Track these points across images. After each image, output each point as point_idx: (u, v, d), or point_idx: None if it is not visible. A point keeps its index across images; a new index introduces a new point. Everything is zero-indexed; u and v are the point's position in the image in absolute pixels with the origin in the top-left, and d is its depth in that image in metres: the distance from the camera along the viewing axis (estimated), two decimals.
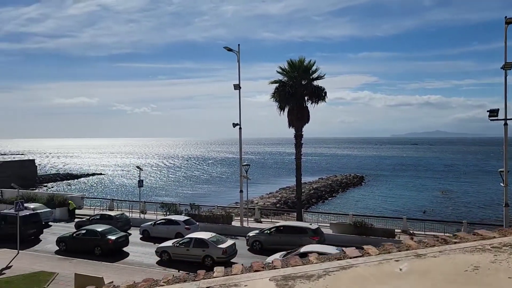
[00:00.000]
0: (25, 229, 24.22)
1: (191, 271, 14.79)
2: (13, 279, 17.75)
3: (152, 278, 4.37)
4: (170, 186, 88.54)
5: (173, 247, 21.48)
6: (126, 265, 20.50)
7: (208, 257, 20.51)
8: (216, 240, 21.29)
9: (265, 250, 23.00)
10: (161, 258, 21.53)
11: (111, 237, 22.82)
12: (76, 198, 35.78)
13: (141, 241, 25.85)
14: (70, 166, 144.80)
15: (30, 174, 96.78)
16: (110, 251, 22.53)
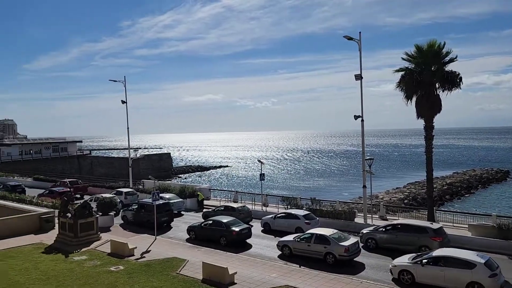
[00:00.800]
0: (158, 217, 26.32)
1: (313, 267, 14.34)
2: (151, 263, 19.45)
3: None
4: (290, 180, 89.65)
5: (294, 241, 21.33)
6: (249, 257, 20.96)
7: (330, 254, 19.87)
8: (338, 237, 20.53)
9: (380, 249, 21.72)
10: (282, 252, 21.57)
11: (235, 229, 23.62)
12: (204, 190, 38.16)
13: (262, 233, 26.34)
14: (200, 159, 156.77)
15: (167, 166, 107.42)
16: (234, 242, 23.33)
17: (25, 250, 21.70)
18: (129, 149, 47.82)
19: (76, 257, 20.36)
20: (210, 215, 28.21)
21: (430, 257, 16.89)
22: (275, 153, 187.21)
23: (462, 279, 15.64)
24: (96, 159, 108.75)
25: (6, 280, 16.85)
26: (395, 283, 17.12)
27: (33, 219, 26.51)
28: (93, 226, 24.02)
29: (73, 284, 16.45)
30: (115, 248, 21.24)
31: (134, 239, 24.12)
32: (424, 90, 24.56)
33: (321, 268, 18.98)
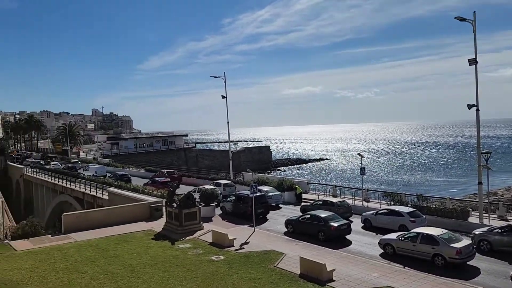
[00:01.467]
0: (255, 209, 26.69)
1: (418, 269, 13.13)
2: (250, 254, 19.79)
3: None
4: (394, 174, 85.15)
5: (397, 240, 20.04)
6: (348, 254, 20.21)
7: (439, 256, 18.27)
8: (448, 237, 18.79)
9: (494, 252, 19.47)
10: (385, 251, 20.42)
11: (333, 224, 22.99)
12: (303, 183, 37.90)
13: (362, 230, 25.25)
14: (299, 152, 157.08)
15: (266, 158, 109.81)
16: (332, 238, 22.72)
17: (137, 236, 23.66)
18: (229, 142, 49.54)
19: (181, 245, 21.59)
20: (308, 209, 27.90)
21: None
22: (377, 145, 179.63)
23: None
24: (201, 151, 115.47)
25: (121, 263, 18.50)
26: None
27: (145, 208, 28.84)
28: (196, 216, 25.29)
29: (178, 270, 17.41)
30: (216, 238, 22.06)
31: (233, 230, 24.84)
32: None
33: (428, 270, 17.55)
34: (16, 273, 16.86)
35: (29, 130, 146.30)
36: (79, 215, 27.35)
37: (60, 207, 49.93)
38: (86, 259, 19.01)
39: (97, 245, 21.51)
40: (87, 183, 43.08)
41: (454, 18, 23.52)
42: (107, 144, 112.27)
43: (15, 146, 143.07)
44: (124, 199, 31.74)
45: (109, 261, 18.66)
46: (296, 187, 35.11)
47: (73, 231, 24.62)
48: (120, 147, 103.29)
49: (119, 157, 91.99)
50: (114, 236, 23.37)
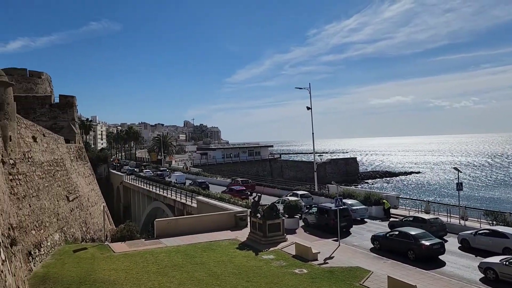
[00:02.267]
0: (336, 221, 26.14)
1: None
2: (334, 270, 19.22)
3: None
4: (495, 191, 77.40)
5: (501, 265, 18.04)
6: (442, 276, 18.62)
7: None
8: None
9: None
10: (485, 276, 18.50)
11: (424, 243, 21.40)
12: (391, 197, 36.00)
13: (459, 250, 23.13)
14: (387, 164, 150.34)
15: (353, 170, 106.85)
16: (423, 257, 21.17)
17: (223, 244, 24.30)
18: (314, 154, 49.01)
19: (265, 256, 21.69)
20: (396, 225, 26.35)
21: None
22: (475, 159, 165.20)
23: None
24: (286, 162, 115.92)
25: (206, 270, 19.10)
26: None
27: (230, 217, 29.59)
28: (280, 228, 25.27)
29: (261, 281, 17.47)
30: (300, 251, 21.80)
31: (317, 244, 24.36)
32: None
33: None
34: (114, 274, 18.24)
35: (129, 140, 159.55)
36: (169, 222, 28.91)
37: (153, 212, 53.42)
38: (175, 264, 19.96)
39: (185, 251, 22.49)
40: (178, 191, 45.52)
41: None
42: (196, 154, 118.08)
43: (116, 155, 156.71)
44: (211, 208, 32.91)
45: (196, 268, 19.37)
46: (384, 201, 33.45)
47: (164, 236, 26.07)
48: (208, 157, 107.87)
49: (208, 166, 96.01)
50: (201, 244, 24.26)
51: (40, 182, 23.85)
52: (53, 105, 45.88)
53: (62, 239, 24.66)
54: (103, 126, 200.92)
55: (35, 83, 53.72)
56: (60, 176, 29.88)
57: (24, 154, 22.08)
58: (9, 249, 10.88)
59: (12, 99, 20.93)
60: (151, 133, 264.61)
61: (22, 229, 18.38)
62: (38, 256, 19.52)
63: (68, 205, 29.36)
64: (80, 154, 43.59)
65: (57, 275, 17.51)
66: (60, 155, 31.75)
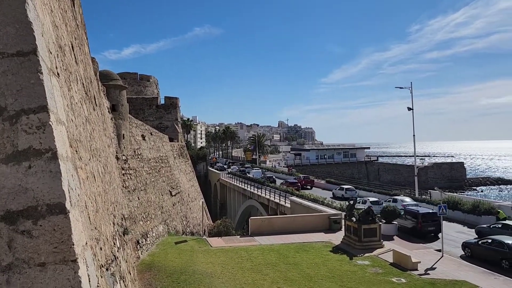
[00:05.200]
0: (425, 226, 27.35)
1: None
2: (436, 282, 17.87)
3: None
4: None
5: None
6: None
7: None
8: None
9: None
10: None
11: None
12: (506, 207, 32.40)
13: None
14: (498, 170, 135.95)
15: (459, 176, 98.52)
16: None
17: (316, 246, 24.03)
18: (414, 157, 46.18)
19: (359, 261, 20.96)
20: (484, 232, 25.33)
21: None
22: None
23: None
24: (383, 165, 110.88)
25: (299, 270, 19.03)
26: None
27: (324, 219, 29.16)
28: (376, 233, 24.22)
29: (355, 287, 16.91)
30: (397, 258, 20.66)
31: (417, 252, 22.86)
32: None
33: None
34: (211, 267, 19.10)
35: (226, 139, 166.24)
36: (263, 220, 29.45)
37: (248, 210, 54.94)
38: (268, 262, 20.24)
39: (278, 250, 22.69)
40: (272, 190, 46.21)
41: None
42: (290, 154, 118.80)
43: (214, 154, 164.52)
44: (304, 209, 32.80)
45: (289, 268, 19.42)
46: (499, 211, 30.22)
47: (258, 234, 26.62)
48: (302, 157, 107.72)
49: (301, 167, 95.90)
50: (294, 244, 24.28)
51: (147, 177, 25.94)
52: (159, 106, 49.62)
53: (165, 230, 26.55)
54: (202, 125, 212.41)
55: (144, 85, 58.74)
56: (165, 172, 32.19)
57: (134, 151, 24.21)
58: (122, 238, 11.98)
59: (125, 100, 23.07)
60: (247, 133, 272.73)
61: (132, 219, 20.16)
62: (145, 245, 21.24)
63: (171, 199, 31.52)
64: (182, 152, 46.53)
65: (161, 264, 18.87)
66: (164, 152, 34.21)
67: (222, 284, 16.66)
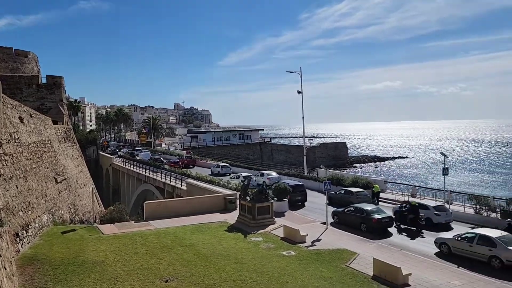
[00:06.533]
0: (293, 196, 31.10)
1: (474, 270, 13.16)
2: (321, 252, 19.54)
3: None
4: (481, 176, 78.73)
5: (454, 240, 19.90)
6: (426, 258, 19.11)
7: (495, 258, 17.82)
8: (508, 240, 18.12)
9: None
10: (440, 250, 20.36)
11: (375, 216, 23.94)
12: (380, 182, 36.45)
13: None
14: (375, 149, 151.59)
15: (342, 155, 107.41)
16: (375, 230, 23.61)
17: (212, 226, 24.46)
18: (303, 138, 49.21)
19: (253, 238, 21.92)
20: (333, 198, 30.91)
21: None
22: (462, 144, 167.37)
23: None
24: (276, 146, 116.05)
25: (195, 252, 19.25)
26: None
27: (220, 200, 29.73)
28: (269, 210, 25.50)
29: (249, 263, 17.69)
30: (288, 233, 22.06)
31: (305, 226, 24.66)
32: None
33: (484, 272, 17.09)
34: (102, 255, 18.30)
35: (118, 122, 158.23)
36: (159, 204, 28.96)
37: (143, 195, 53.42)
38: (164, 246, 20.08)
39: (175, 233, 22.61)
40: (168, 173, 45.51)
41: None
42: (187, 137, 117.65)
43: (105, 137, 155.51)
44: (200, 190, 33.01)
45: (185, 249, 19.51)
46: (375, 185, 33.89)
47: (154, 218, 26.14)
48: (199, 140, 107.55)
49: (198, 149, 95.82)
50: (191, 226, 24.39)
51: (27, 163, 23.63)
52: (40, 85, 45.16)
53: (50, 220, 24.59)
54: (92, 107, 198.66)
55: (21, 62, 52.73)
56: (48, 157, 29.62)
57: (10, 135, 21.80)
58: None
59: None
60: (141, 115, 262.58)
61: (9, 210, 18.28)
62: (26, 238, 19.47)
63: (56, 186, 29.20)
64: (68, 135, 43.17)
65: (45, 256, 17.51)
66: (47, 136, 31.41)
67: (115, 272, 16.13)
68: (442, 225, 24.81)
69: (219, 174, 50.63)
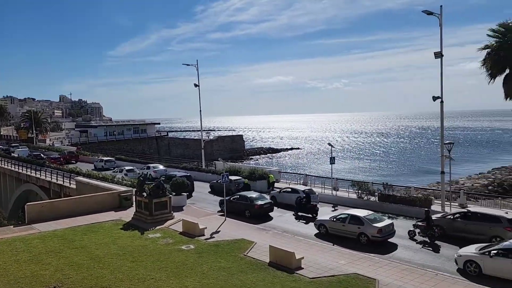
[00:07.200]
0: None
1: (346, 246, 15.20)
2: (220, 243, 19.83)
3: None
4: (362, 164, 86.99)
5: (330, 221, 22.05)
6: (316, 242, 20.62)
7: (363, 235, 20.36)
8: (373, 218, 20.83)
9: (448, 237, 20.58)
10: (319, 231, 22.47)
11: (257, 203, 26.06)
12: (274, 172, 38.15)
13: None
14: (271, 141, 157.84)
15: (239, 148, 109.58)
16: (257, 215, 25.72)
17: (106, 225, 23.25)
18: (201, 131, 49.15)
19: (151, 235, 21.39)
20: (215, 186, 33.03)
21: (501, 248, 15.59)
22: (345, 135, 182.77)
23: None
24: (173, 140, 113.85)
25: (87, 253, 18.15)
26: (460, 274, 16.19)
27: (114, 197, 28.32)
28: (167, 206, 25.07)
29: (147, 260, 17.25)
30: (187, 227, 21.96)
31: (205, 219, 24.81)
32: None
33: (355, 248, 19.43)
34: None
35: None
36: (44, 205, 26.59)
37: (24, 196, 48.43)
38: (50, 250, 18.55)
39: (63, 235, 21.01)
40: (54, 171, 41.91)
41: (422, 12, 23.99)
42: (75, 132, 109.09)
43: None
44: (92, 188, 31.07)
45: (75, 252, 18.28)
46: (270, 176, 35.35)
47: (38, 221, 23.95)
48: (89, 135, 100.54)
49: (88, 145, 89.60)
50: (81, 227, 22.89)
51: None
52: None
53: None
54: None
55: None
56: None
57: None
58: None
59: None
60: (20, 108, 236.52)
61: None
62: None
63: None
64: None
65: None
66: None
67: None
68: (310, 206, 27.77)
69: (103, 168, 49.69)
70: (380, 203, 27.16)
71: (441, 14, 23.95)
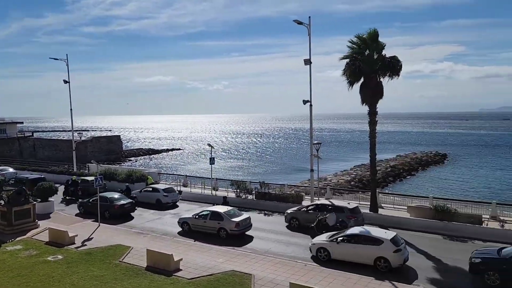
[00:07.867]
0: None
1: (207, 241, 16.33)
2: (92, 251, 18.72)
3: None
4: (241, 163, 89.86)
5: (192, 218, 22.75)
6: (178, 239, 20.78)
7: (223, 229, 21.55)
8: (232, 213, 22.15)
9: (302, 227, 22.89)
10: (183, 229, 23.09)
11: (117, 203, 25.92)
12: (153, 174, 37.25)
13: None
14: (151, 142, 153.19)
15: (116, 149, 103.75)
16: (117, 215, 25.52)
17: None
18: (72, 131, 45.43)
19: (10, 247, 19.19)
20: None
21: (345, 235, 17.83)
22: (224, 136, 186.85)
23: (371, 255, 16.78)
24: (39, 141, 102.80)
25: None
26: (314, 260, 17.97)
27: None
28: (30, 214, 22.74)
29: (5, 277, 15.45)
30: (54, 236, 20.22)
31: (74, 226, 23.13)
32: (366, 77, 24.79)
33: (216, 242, 20.44)
34: None
35: None
36: None
37: None
38: None
39: None
40: None
41: (293, 21, 25.79)
42: None
43: None
44: None
45: None
46: (148, 177, 34.41)
47: None
48: None
49: None
50: None
51: None
52: None
53: None
54: None
55: None
56: None
57: None
58: None
59: None
60: None
61: None
62: None
63: None
64: None
65: None
66: None
67: None
68: (170, 204, 28.98)
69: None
70: (257, 201, 28.48)
71: (309, 24, 26.03)
